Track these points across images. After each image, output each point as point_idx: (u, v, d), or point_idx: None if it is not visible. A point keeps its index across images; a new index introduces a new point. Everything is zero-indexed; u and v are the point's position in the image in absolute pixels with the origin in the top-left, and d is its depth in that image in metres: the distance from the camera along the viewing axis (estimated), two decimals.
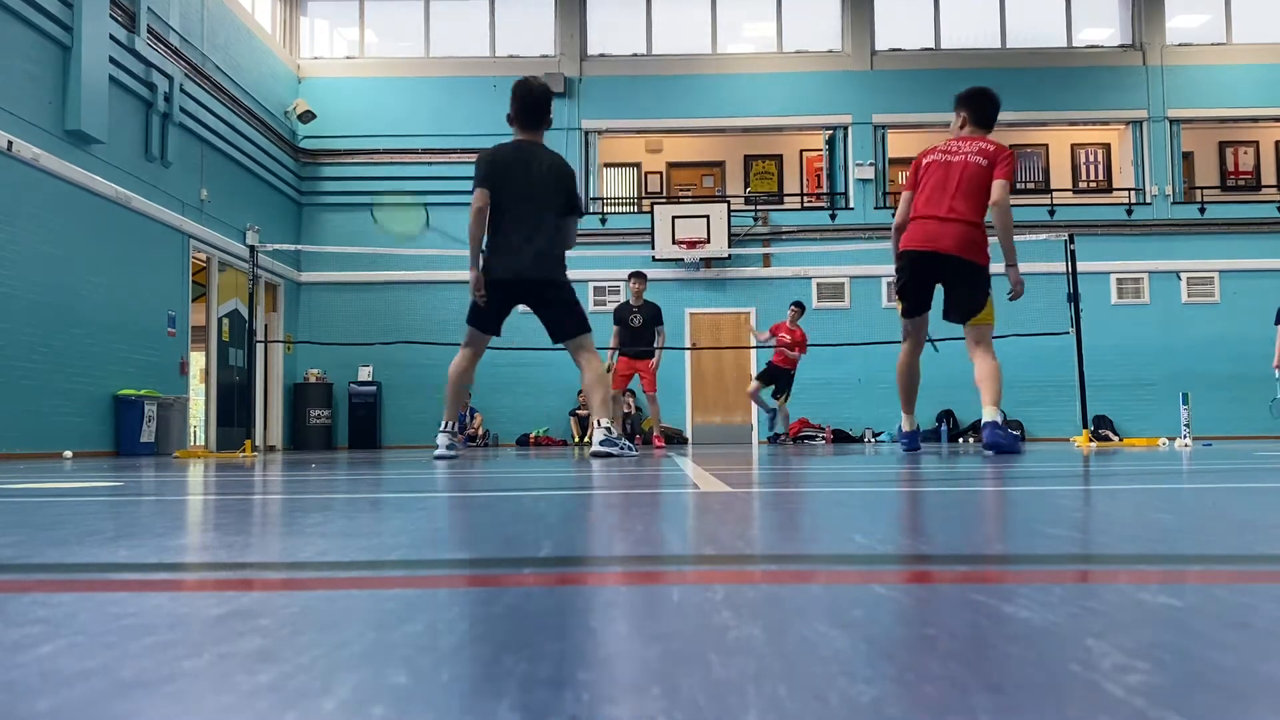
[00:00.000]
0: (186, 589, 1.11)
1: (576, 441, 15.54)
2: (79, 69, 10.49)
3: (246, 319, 12.31)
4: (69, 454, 10.10)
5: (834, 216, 17.09)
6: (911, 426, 6.66)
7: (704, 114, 17.42)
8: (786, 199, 18.61)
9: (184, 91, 12.82)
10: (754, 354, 16.58)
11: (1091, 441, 9.15)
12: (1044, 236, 11.34)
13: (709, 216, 16.18)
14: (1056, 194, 17.96)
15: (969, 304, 6.10)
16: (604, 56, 17.52)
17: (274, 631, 0.78)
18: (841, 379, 16.09)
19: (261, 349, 14.10)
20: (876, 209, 16.94)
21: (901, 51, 17.48)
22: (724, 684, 0.61)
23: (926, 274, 6.17)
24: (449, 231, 16.59)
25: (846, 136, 17.30)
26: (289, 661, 0.68)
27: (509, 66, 16.73)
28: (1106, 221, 16.96)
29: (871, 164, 17.11)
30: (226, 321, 14.33)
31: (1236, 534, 1.54)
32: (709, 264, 16.64)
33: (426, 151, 16.93)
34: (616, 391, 10.76)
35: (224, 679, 0.64)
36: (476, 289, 5.84)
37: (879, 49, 17.47)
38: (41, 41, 10.21)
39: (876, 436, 15.91)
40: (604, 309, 15.47)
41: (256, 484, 3.65)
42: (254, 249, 10.24)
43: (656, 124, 17.63)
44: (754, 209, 17.38)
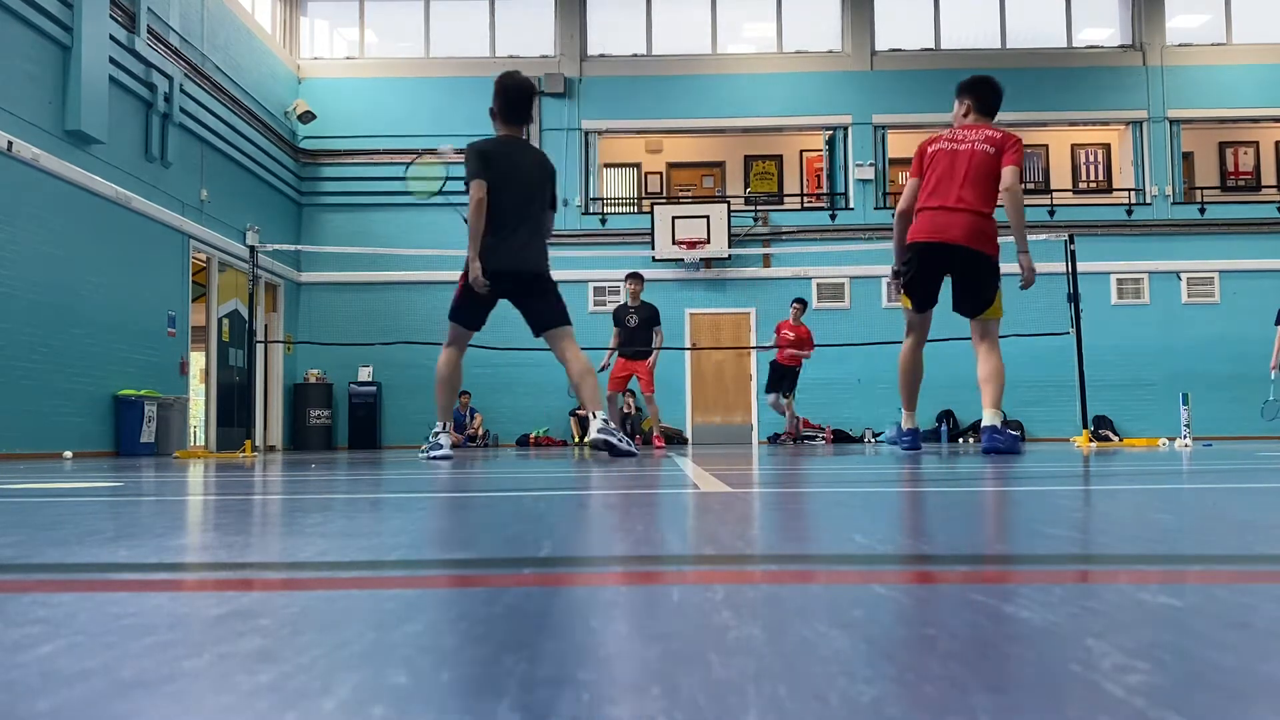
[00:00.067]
0: (186, 589, 1.11)
1: (576, 442, 15.53)
2: (79, 69, 10.49)
3: (246, 319, 12.31)
4: (69, 454, 10.10)
5: (834, 217, 17.09)
6: (912, 424, 6.45)
7: (704, 114, 17.42)
8: (786, 199, 18.61)
9: (184, 92, 12.82)
10: (754, 354, 16.59)
11: (1091, 442, 9.15)
12: (1044, 237, 11.33)
13: (709, 217, 16.19)
14: (1056, 194, 17.97)
15: (979, 297, 5.96)
16: (604, 57, 17.52)
17: (274, 631, 0.78)
18: (841, 379, 16.10)
19: (261, 349, 14.09)
20: (876, 209, 16.95)
21: (901, 52, 17.48)
22: (724, 684, 0.61)
23: (935, 266, 6.01)
24: (449, 231, 16.60)
25: (846, 137, 17.30)
26: (289, 661, 0.68)
27: (509, 66, 16.65)
28: (1106, 222, 16.97)
29: (871, 164, 17.12)
30: (226, 322, 14.33)
31: (1236, 534, 1.54)
32: (709, 264, 16.64)
33: (426, 151, 16.92)
34: (614, 393, 10.82)
35: (224, 679, 0.64)
36: (477, 280, 5.85)
37: (879, 49, 17.47)
38: (41, 41, 10.22)
39: (876, 437, 15.91)
40: (604, 309, 15.48)
41: (256, 484, 3.65)
42: (254, 249, 10.24)
43: (656, 124, 17.63)
44: (754, 209, 17.38)
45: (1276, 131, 18.32)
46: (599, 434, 5.91)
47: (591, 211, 17.19)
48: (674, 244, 16.11)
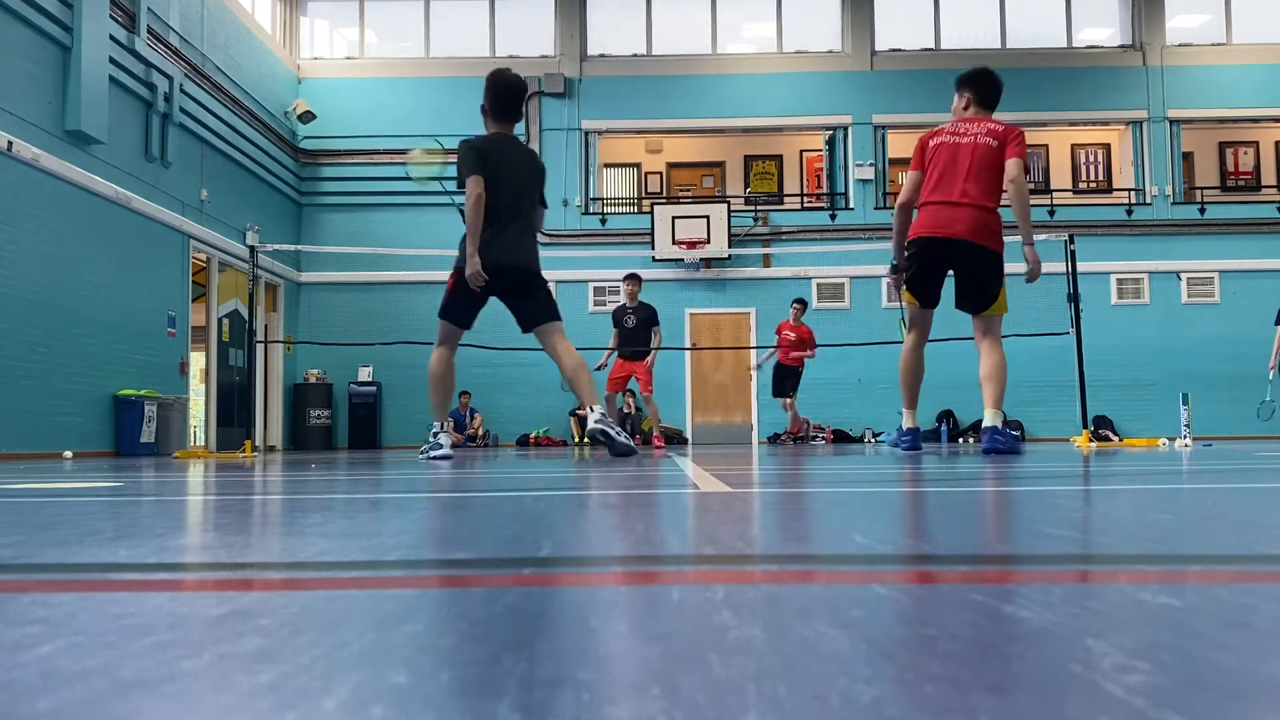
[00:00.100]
0: (186, 589, 1.11)
1: (576, 442, 15.53)
2: (79, 69, 10.50)
3: (246, 319, 12.30)
4: (69, 454, 10.10)
5: (834, 217, 17.09)
6: (913, 424, 6.32)
7: (704, 114, 17.42)
8: (786, 199, 18.61)
9: (184, 92, 12.82)
10: (754, 354, 16.58)
11: (1091, 442, 9.15)
12: (1044, 237, 11.31)
13: (709, 217, 16.19)
14: (1056, 194, 17.97)
15: (983, 293, 5.88)
16: (604, 57, 17.52)
17: (274, 631, 0.78)
18: (841, 379, 16.10)
19: (261, 349, 14.09)
20: (876, 209, 16.95)
21: (901, 51, 17.48)
22: (724, 684, 0.61)
23: (938, 261, 5.92)
24: (449, 231, 16.60)
25: (846, 137, 17.30)
26: (289, 661, 0.68)
27: (509, 66, 16.69)
28: (1106, 222, 16.97)
29: (871, 164, 17.12)
30: (226, 321, 14.33)
31: (1236, 534, 1.54)
32: (709, 264, 16.64)
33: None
34: (613, 393, 10.88)
35: (224, 679, 0.64)
36: (476, 274, 5.86)
37: (879, 49, 17.47)
38: (41, 41, 10.22)
39: (876, 437, 15.91)
40: (604, 309, 15.48)
41: (256, 484, 3.65)
42: (254, 249, 10.24)
43: (656, 124, 17.63)
44: (754, 209, 17.38)
45: (1276, 131, 18.32)
46: (596, 424, 5.92)
47: (591, 211, 17.19)
48: (674, 244, 16.11)
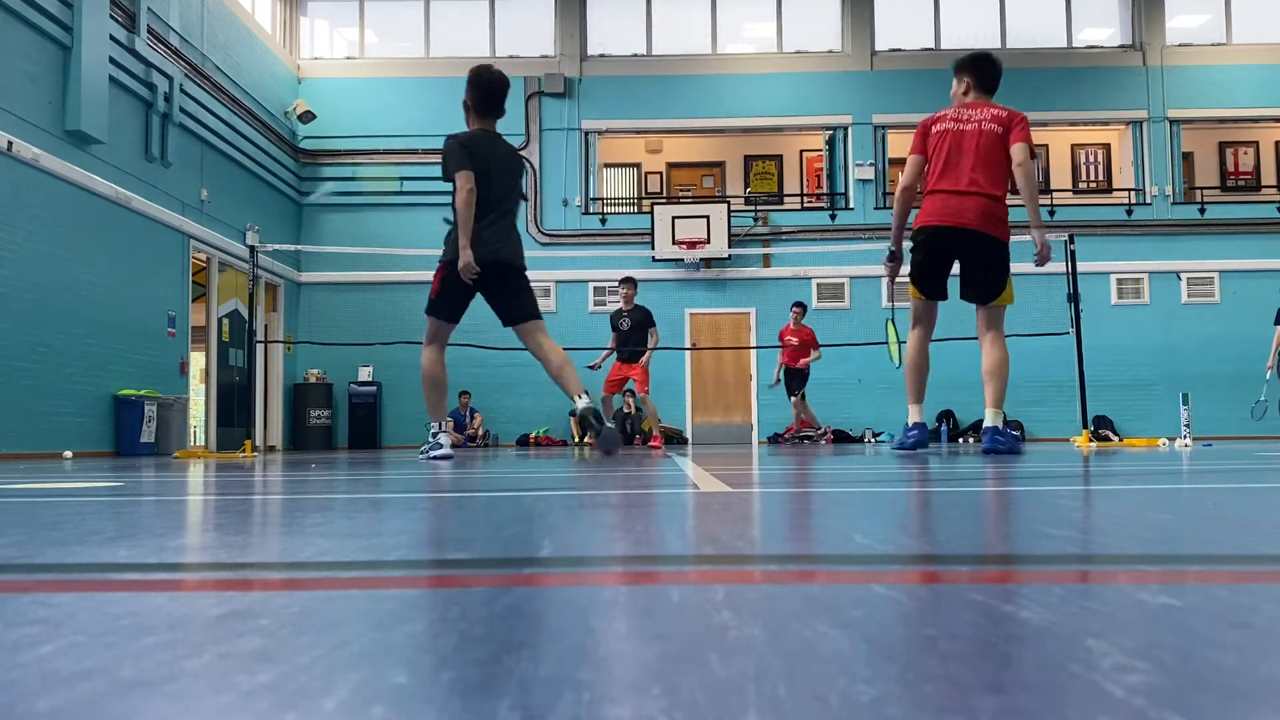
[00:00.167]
0: (186, 589, 1.11)
1: (577, 442, 15.53)
2: (79, 69, 10.49)
3: (246, 319, 12.31)
4: (69, 454, 10.10)
5: (834, 217, 17.09)
6: (919, 418, 6.09)
7: (704, 114, 17.42)
8: (786, 199, 18.60)
9: (184, 92, 12.82)
10: (754, 354, 16.59)
11: (1091, 442, 9.15)
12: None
13: (709, 217, 16.19)
14: (1056, 194, 17.97)
15: (990, 284, 5.81)
16: (604, 57, 17.52)
17: (274, 631, 0.78)
18: (841, 379, 16.09)
19: (261, 349, 14.09)
20: (876, 209, 16.95)
21: (901, 51, 17.48)
22: (724, 684, 0.61)
23: (945, 252, 5.82)
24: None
25: (846, 137, 17.30)
26: (289, 661, 0.68)
27: (509, 66, 16.70)
28: (1106, 222, 16.97)
29: (871, 164, 17.12)
30: (226, 321, 14.33)
31: (1236, 534, 1.54)
32: (709, 264, 16.64)
33: (426, 152, 16.91)
34: (609, 395, 11.14)
35: (224, 679, 0.64)
36: (469, 267, 5.88)
37: (879, 49, 17.47)
38: (41, 41, 10.22)
39: (876, 437, 15.91)
40: (603, 309, 15.49)
41: (256, 484, 3.65)
42: (254, 249, 10.24)
43: (656, 124, 17.63)
44: (754, 209, 17.38)
45: (1276, 131, 18.32)
46: (588, 406, 5.90)
47: (591, 211, 17.18)
48: (674, 244, 16.11)
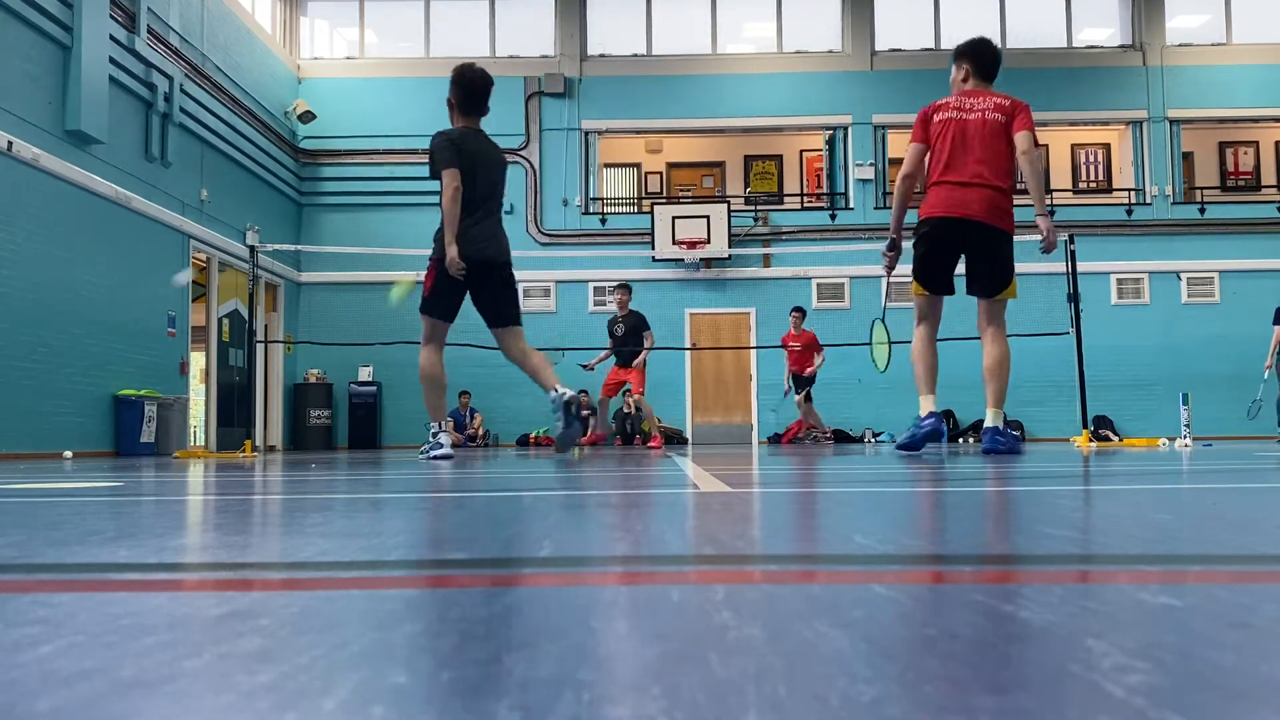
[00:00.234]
0: (186, 589, 1.11)
1: (576, 442, 15.55)
2: (79, 69, 10.49)
3: (246, 319, 12.31)
4: (69, 454, 10.10)
5: (834, 217, 17.09)
6: (934, 408, 5.87)
7: (704, 114, 17.42)
8: (786, 199, 18.60)
9: (184, 92, 12.82)
10: (754, 354, 16.59)
11: (1091, 442, 9.15)
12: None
13: (709, 217, 16.19)
14: (1056, 194, 17.96)
15: (997, 277, 5.73)
16: (604, 56, 17.51)
17: (274, 631, 0.78)
18: (841, 379, 16.08)
19: (261, 349, 14.09)
20: (876, 209, 16.95)
21: (901, 51, 17.48)
22: (724, 684, 0.61)
23: (951, 244, 5.73)
24: None
25: (846, 136, 17.30)
26: (289, 661, 0.68)
27: (509, 66, 16.72)
28: (1106, 222, 16.96)
29: (871, 164, 17.12)
30: (226, 321, 14.33)
31: (1236, 534, 1.54)
32: (709, 264, 16.64)
33: (426, 152, 16.93)
34: (606, 398, 11.69)
35: (224, 679, 0.64)
36: (454, 262, 5.88)
37: (879, 49, 17.47)
38: (41, 41, 10.21)
39: (877, 437, 15.91)
40: (603, 309, 15.48)
41: (256, 484, 3.65)
42: (254, 249, 10.24)
43: (656, 124, 17.63)
44: (754, 209, 17.38)
45: (1276, 131, 18.31)
46: (569, 396, 5.96)
47: (591, 211, 17.18)
48: (674, 244, 16.11)
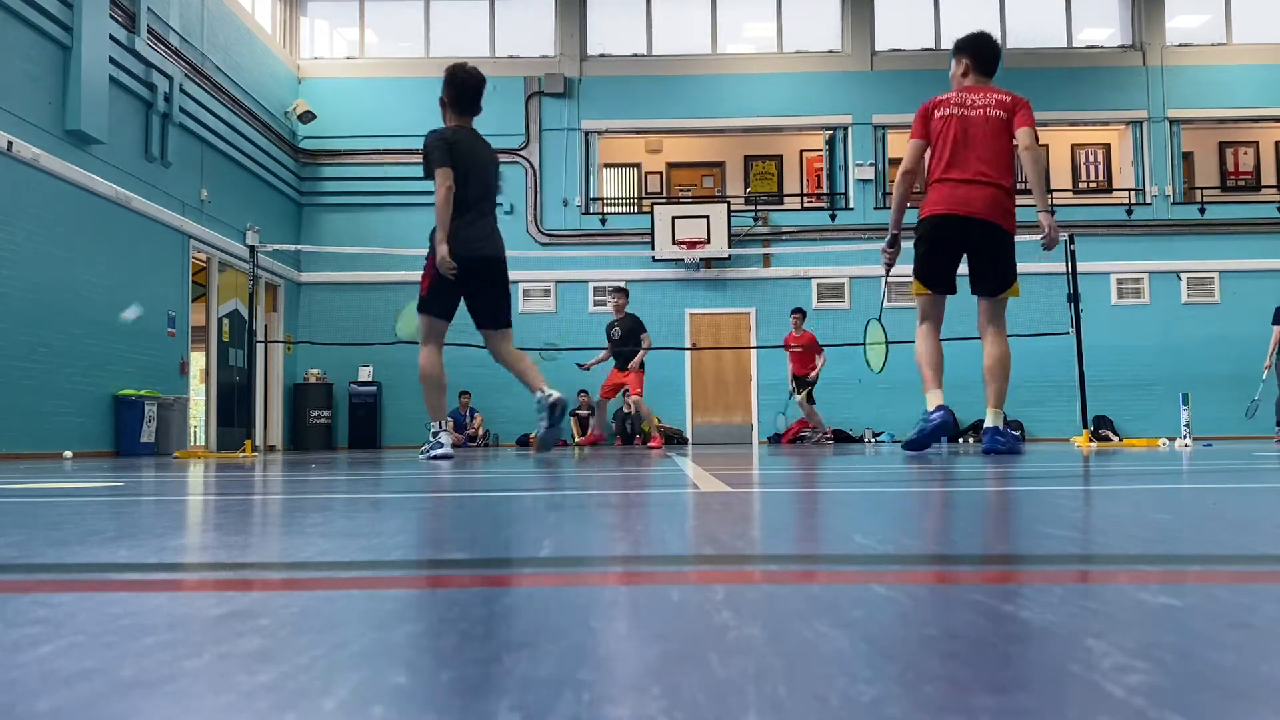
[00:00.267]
0: (186, 589, 1.11)
1: (576, 442, 15.54)
2: (79, 69, 10.49)
3: (246, 319, 12.31)
4: (69, 454, 10.10)
5: (834, 217, 17.09)
6: (941, 402, 5.75)
7: (704, 114, 17.42)
8: (786, 199, 18.60)
9: (184, 92, 12.82)
10: (754, 354, 16.59)
11: (1091, 442, 9.15)
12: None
13: (709, 217, 16.19)
14: (1056, 194, 17.95)
15: (1000, 275, 5.70)
16: (604, 56, 17.51)
17: (274, 631, 0.78)
18: (842, 379, 16.07)
19: (261, 349, 14.09)
20: (876, 209, 16.95)
21: (901, 51, 17.48)
22: (724, 684, 0.61)
23: (953, 242, 5.70)
24: None
25: (846, 137, 17.30)
26: (289, 661, 0.68)
27: (509, 66, 16.72)
28: (1106, 222, 16.97)
29: (871, 164, 17.12)
30: (226, 321, 14.33)
31: (1236, 534, 1.54)
32: (709, 264, 16.64)
33: (422, 152, 16.92)
34: (605, 399, 11.94)
35: (224, 679, 0.64)
36: (444, 261, 5.88)
37: (879, 49, 17.47)
38: (41, 41, 10.21)
39: (877, 437, 15.92)
40: (603, 309, 15.48)
41: (256, 484, 3.65)
42: (254, 249, 10.24)
43: (656, 124, 17.63)
44: (754, 209, 17.38)
45: (1276, 131, 18.31)
46: (556, 398, 5.93)
47: (591, 211, 17.18)
48: (674, 244, 16.11)
